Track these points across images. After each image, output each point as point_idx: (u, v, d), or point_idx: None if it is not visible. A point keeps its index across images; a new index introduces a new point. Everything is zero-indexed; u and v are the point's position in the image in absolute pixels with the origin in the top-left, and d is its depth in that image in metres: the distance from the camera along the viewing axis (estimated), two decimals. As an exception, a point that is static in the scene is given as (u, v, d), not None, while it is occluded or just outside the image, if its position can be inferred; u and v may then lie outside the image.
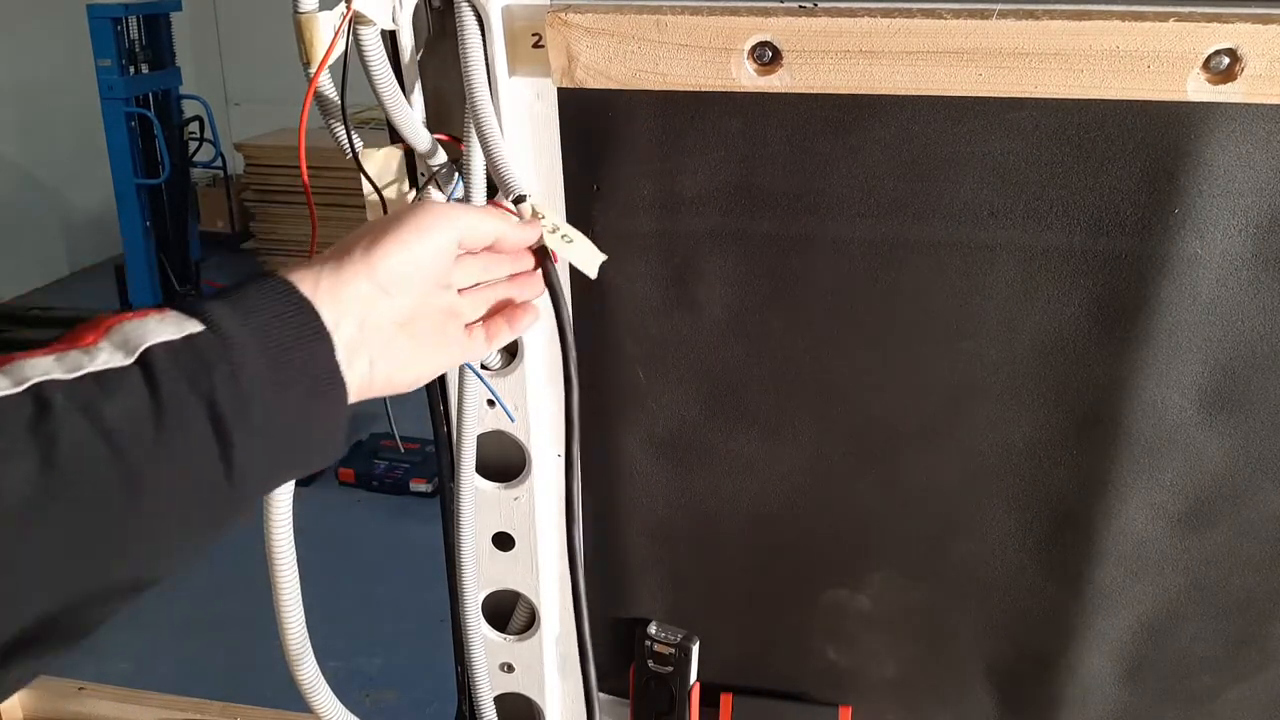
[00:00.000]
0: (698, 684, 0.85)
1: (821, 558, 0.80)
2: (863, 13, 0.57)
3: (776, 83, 0.60)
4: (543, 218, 0.63)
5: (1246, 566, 0.73)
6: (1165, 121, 0.61)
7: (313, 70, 0.58)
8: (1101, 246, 0.65)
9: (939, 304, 0.69)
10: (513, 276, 0.62)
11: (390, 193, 0.69)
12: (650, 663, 0.84)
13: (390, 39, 0.65)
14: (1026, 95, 0.57)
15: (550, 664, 0.86)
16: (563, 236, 0.64)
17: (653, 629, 0.84)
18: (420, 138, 0.66)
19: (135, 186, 3.90)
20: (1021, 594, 0.77)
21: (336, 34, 0.58)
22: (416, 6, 0.65)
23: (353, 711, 0.73)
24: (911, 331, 0.70)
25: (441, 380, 0.78)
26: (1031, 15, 0.56)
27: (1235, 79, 0.55)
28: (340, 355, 0.49)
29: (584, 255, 0.66)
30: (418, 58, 0.67)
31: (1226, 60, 0.54)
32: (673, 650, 0.83)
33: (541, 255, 0.63)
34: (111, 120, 3.80)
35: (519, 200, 0.63)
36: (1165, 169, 0.62)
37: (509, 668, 0.87)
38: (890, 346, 0.71)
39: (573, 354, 0.65)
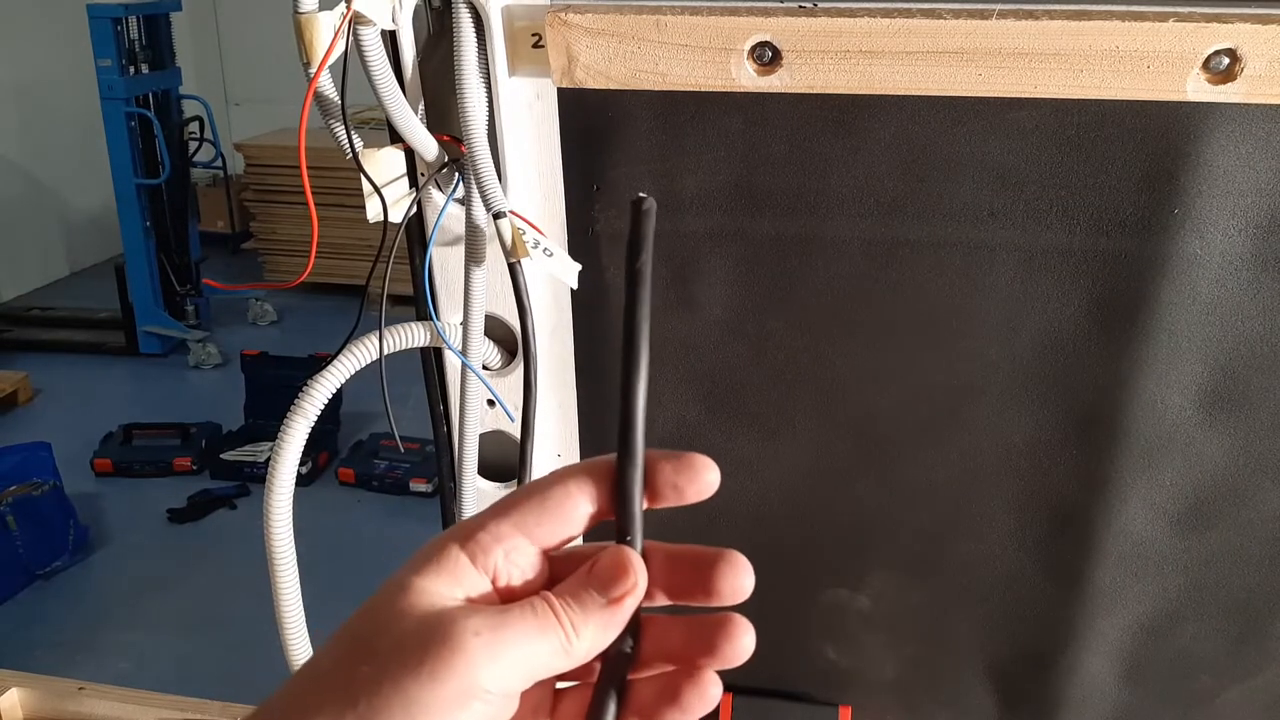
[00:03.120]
0: (698, 684, 0.85)
1: (821, 558, 0.80)
2: (863, 13, 0.57)
3: (776, 83, 0.60)
4: (524, 233, 0.63)
5: (1246, 566, 0.73)
6: (1165, 121, 0.61)
7: (313, 70, 0.58)
8: (1101, 246, 0.65)
9: (939, 304, 0.69)
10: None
11: (390, 193, 0.69)
12: (650, 663, 0.84)
13: (390, 39, 0.65)
14: (1026, 95, 0.57)
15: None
16: (544, 250, 0.66)
17: (653, 629, 0.84)
18: (420, 138, 0.66)
19: (135, 186, 3.90)
20: (1021, 594, 0.77)
21: (336, 34, 0.58)
22: (416, 6, 0.65)
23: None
24: (911, 331, 0.70)
25: (442, 380, 0.78)
26: (1031, 15, 0.56)
27: (1235, 79, 0.55)
28: None
29: (563, 267, 0.69)
30: (417, 58, 0.67)
31: (1226, 60, 0.54)
32: (673, 650, 0.83)
33: (514, 270, 0.65)
34: (111, 120, 3.79)
35: (498, 216, 0.64)
36: (1165, 169, 0.62)
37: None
38: (890, 346, 0.71)
39: (535, 367, 0.58)
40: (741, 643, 0.34)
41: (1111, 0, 0.56)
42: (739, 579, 0.34)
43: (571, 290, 0.73)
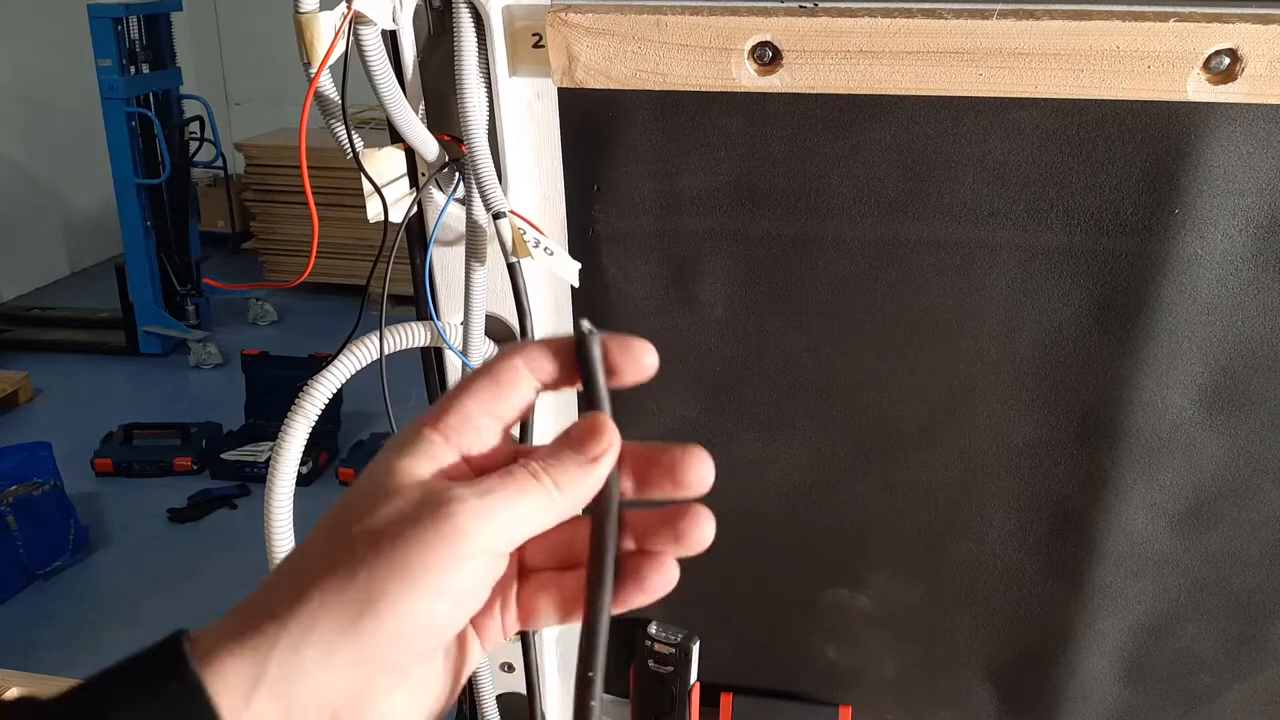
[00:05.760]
0: (698, 684, 0.85)
1: (821, 558, 0.80)
2: (863, 13, 0.57)
3: (776, 83, 0.60)
4: (524, 233, 0.63)
5: (1246, 566, 0.73)
6: (1165, 121, 0.61)
7: (313, 70, 0.58)
8: (1101, 246, 0.65)
9: (939, 304, 0.69)
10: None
11: (390, 192, 0.69)
12: (650, 663, 0.84)
13: (391, 39, 0.65)
14: (1026, 95, 0.57)
15: (550, 664, 0.86)
16: (545, 249, 0.66)
17: (653, 629, 0.84)
18: (420, 138, 0.66)
19: (135, 186, 3.90)
20: (1021, 594, 0.77)
21: (337, 34, 0.58)
22: (417, 6, 0.65)
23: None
24: (911, 331, 0.70)
25: (442, 380, 0.78)
26: (1031, 15, 0.56)
27: (1235, 79, 0.55)
28: None
29: (564, 265, 0.69)
30: (418, 58, 0.67)
31: (1226, 60, 0.54)
32: (673, 650, 0.83)
33: (513, 270, 0.66)
34: (111, 120, 3.79)
35: (498, 216, 0.64)
36: (1165, 169, 0.62)
37: (509, 668, 0.87)
38: (890, 346, 0.71)
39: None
40: (703, 530, 0.37)
41: (1111, 0, 0.56)
42: (702, 469, 0.37)
43: (571, 290, 0.73)
